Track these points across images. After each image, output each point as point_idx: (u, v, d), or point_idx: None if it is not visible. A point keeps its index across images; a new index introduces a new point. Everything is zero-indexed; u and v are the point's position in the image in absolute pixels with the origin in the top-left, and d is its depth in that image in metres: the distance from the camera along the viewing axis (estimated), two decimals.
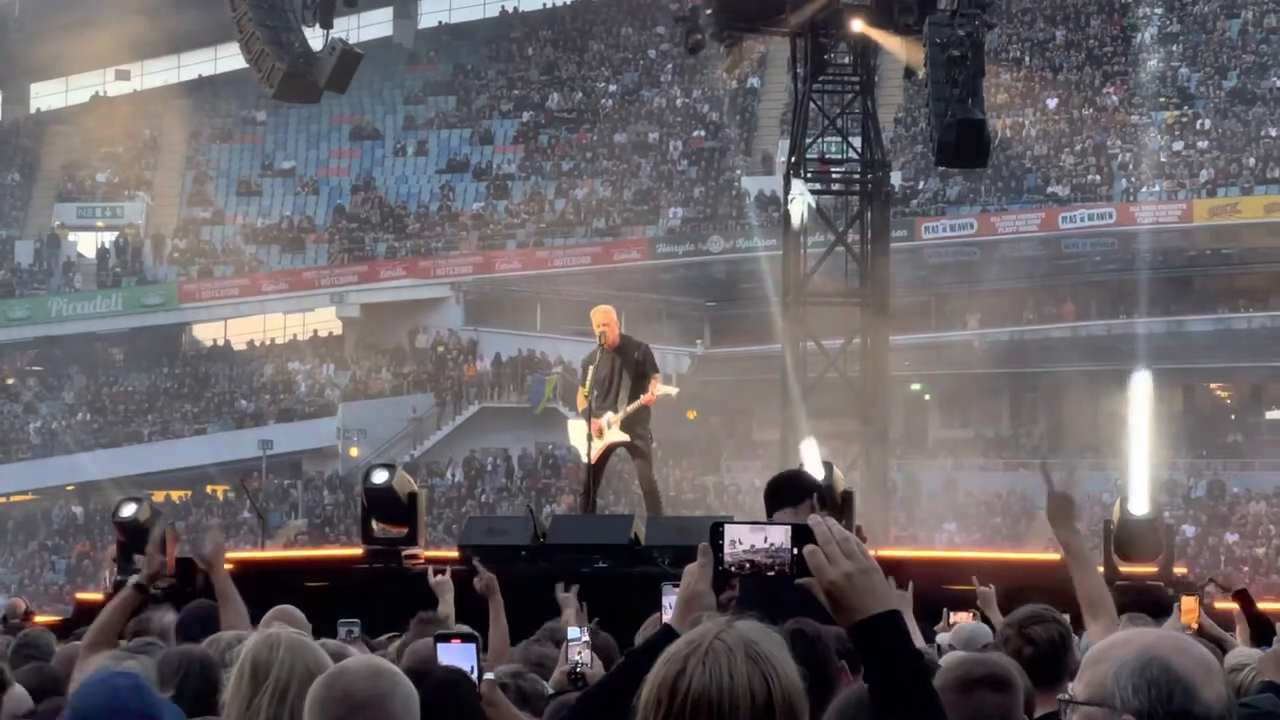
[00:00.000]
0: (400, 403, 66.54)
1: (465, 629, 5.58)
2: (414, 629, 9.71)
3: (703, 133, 72.55)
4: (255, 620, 8.17)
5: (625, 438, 17.62)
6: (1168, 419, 62.58)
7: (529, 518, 16.37)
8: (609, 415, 17.50)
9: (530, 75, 77.31)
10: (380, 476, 16.46)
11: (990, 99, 52.13)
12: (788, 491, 8.64)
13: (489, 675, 5.48)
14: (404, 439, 65.24)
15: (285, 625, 6.04)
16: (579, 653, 7.01)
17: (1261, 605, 11.64)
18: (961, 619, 11.24)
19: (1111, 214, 64.52)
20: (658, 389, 17.59)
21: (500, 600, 9.43)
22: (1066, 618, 7.45)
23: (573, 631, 7.11)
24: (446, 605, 10.92)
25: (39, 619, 16.49)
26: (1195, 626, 10.03)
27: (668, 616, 6.47)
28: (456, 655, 5.47)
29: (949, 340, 62.22)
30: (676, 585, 6.55)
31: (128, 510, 16.48)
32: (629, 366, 17.55)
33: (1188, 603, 10.46)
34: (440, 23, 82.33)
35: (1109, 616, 7.37)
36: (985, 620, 10.93)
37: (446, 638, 5.53)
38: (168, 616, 9.28)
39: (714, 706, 3.94)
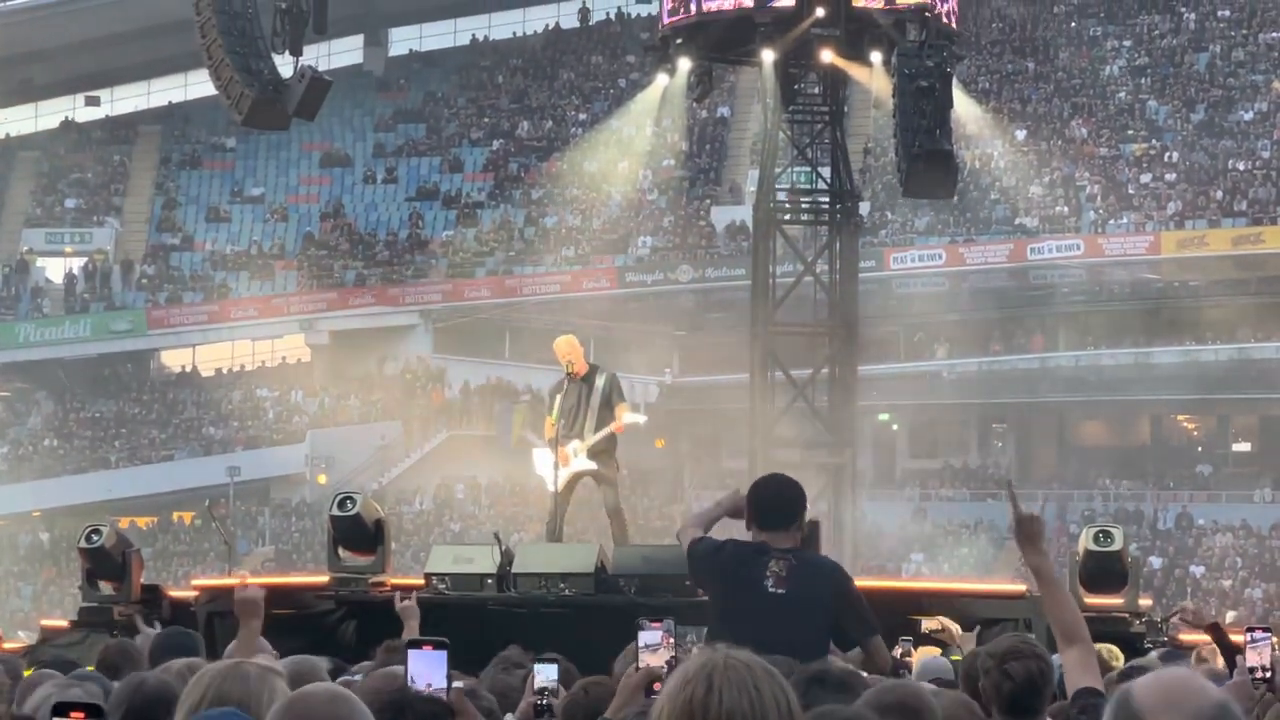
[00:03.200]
0: (369, 430, 66.46)
1: (438, 637, 5.56)
2: (380, 657, 9.70)
3: (672, 162, 72.63)
4: (221, 648, 8.14)
5: (592, 466, 17.62)
6: (1135, 450, 62.87)
7: (495, 545, 16.36)
8: (575, 443, 17.50)
9: (500, 103, 77.36)
10: (347, 504, 16.44)
11: (958, 130, 52.29)
12: (781, 514, 8.58)
13: (458, 684, 5.48)
14: (372, 466, 65.15)
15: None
16: (547, 683, 7.01)
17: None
18: (927, 653, 11.27)
19: (1079, 246, 64.72)
20: (626, 418, 17.60)
21: (415, 627, 9.24)
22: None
23: (542, 669, 7.11)
24: (412, 631, 10.90)
25: (5, 645, 16.43)
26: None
27: (645, 656, 6.51)
28: (428, 662, 5.46)
29: (917, 370, 62.39)
30: (655, 621, 6.59)
31: (94, 538, 16.42)
32: (596, 395, 17.56)
33: (1205, 645, 10.61)
34: (411, 50, 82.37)
35: (1083, 641, 7.37)
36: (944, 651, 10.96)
37: (419, 644, 5.51)
38: (150, 633, 9.30)
39: (747, 718, 4.06)
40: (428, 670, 5.44)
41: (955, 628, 12.29)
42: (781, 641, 7.87)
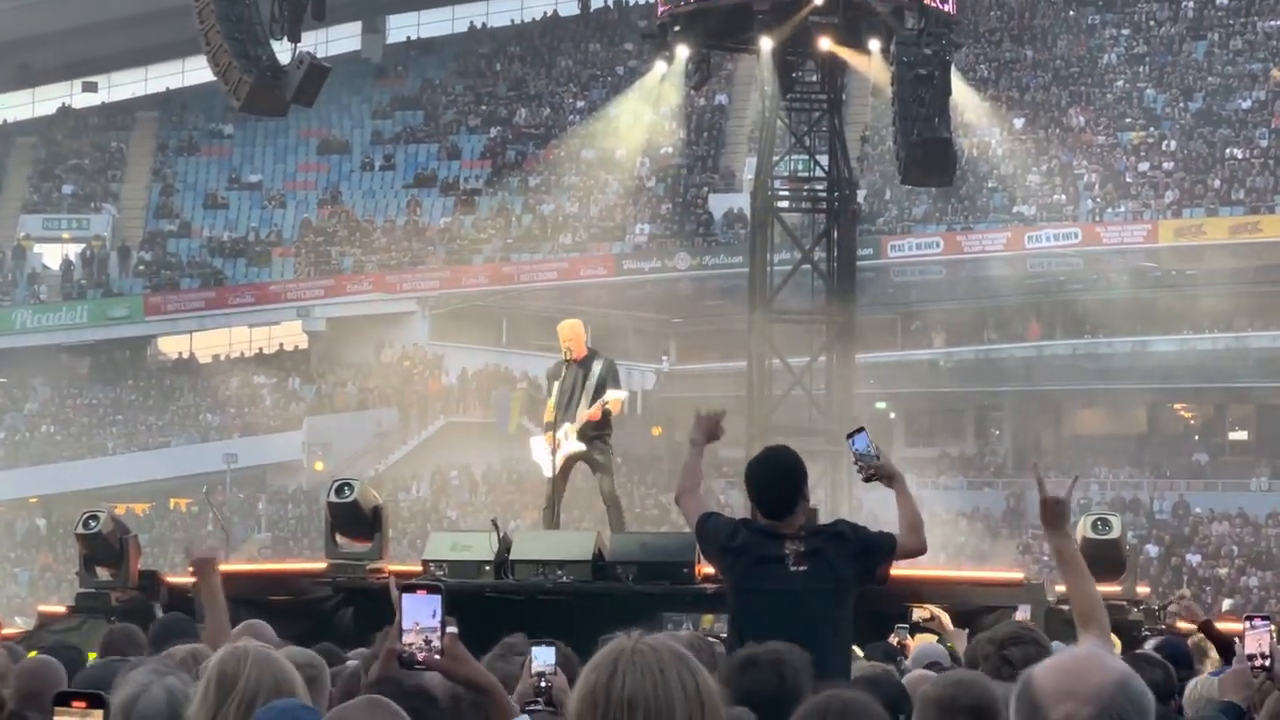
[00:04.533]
0: (366, 417, 66.44)
1: (432, 580, 5.54)
2: (378, 642, 9.69)
3: (670, 150, 72.58)
4: None
5: (583, 448, 17.60)
6: (1132, 439, 62.89)
7: (493, 532, 16.37)
8: (566, 426, 17.51)
9: (498, 91, 77.32)
10: (344, 491, 16.44)
11: (956, 118, 52.28)
12: (783, 499, 8.51)
13: (451, 628, 5.45)
14: (369, 453, 65.14)
15: (253, 639, 6.02)
16: (545, 666, 7.00)
17: (1223, 624, 11.71)
18: (924, 639, 11.29)
19: (1077, 234, 64.72)
20: (609, 397, 17.51)
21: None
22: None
23: (540, 653, 7.09)
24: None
25: (4, 631, 16.43)
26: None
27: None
28: (421, 605, 5.42)
29: (914, 359, 62.37)
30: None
31: (91, 524, 16.42)
32: (591, 379, 17.56)
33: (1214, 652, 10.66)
34: (409, 37, 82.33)
35: (1100, 626, 7.36)
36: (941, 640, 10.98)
37: (412, 588, 5.48)
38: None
39: (650, 703, 4.08)
40: (421, 614, 5.41)
41: (945, 617, 12.30)
42: (808, 620, 7.86)
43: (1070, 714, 3.93)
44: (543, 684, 6.94)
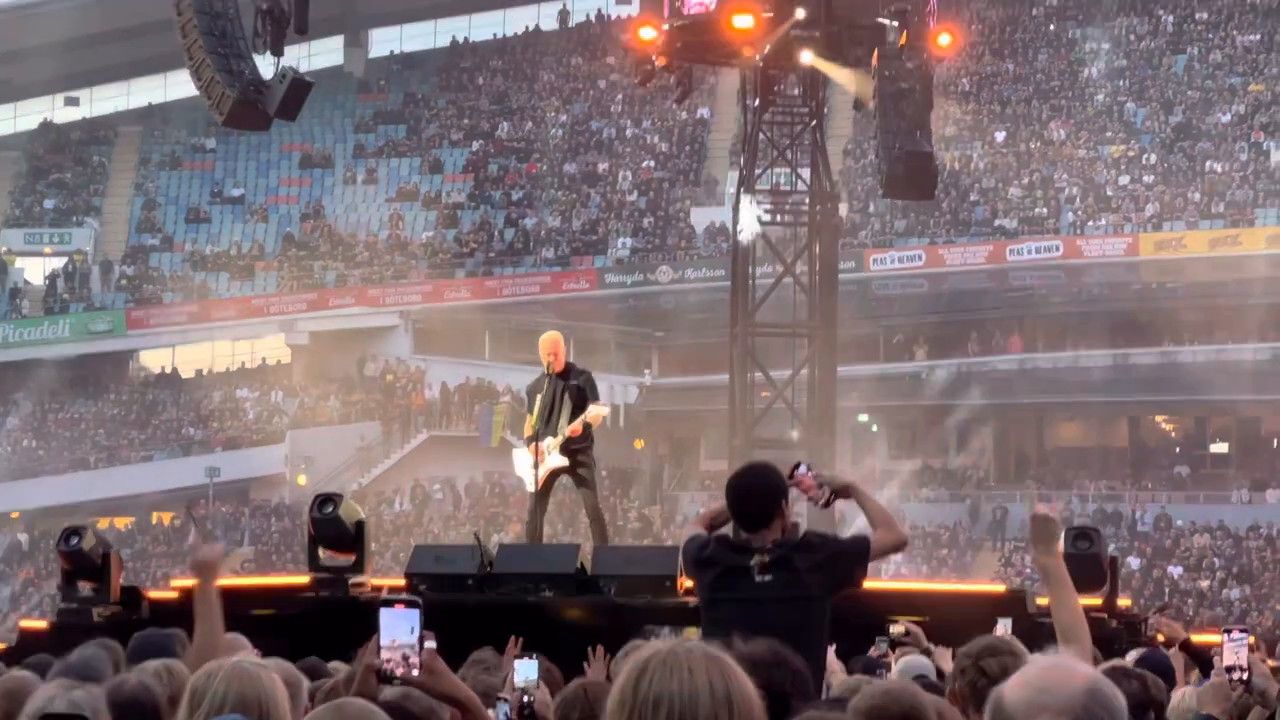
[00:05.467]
0: (348, 431, 66.41)
1: (410, 596, 5.54)
2: (357, 659, 9.69)
3: (652, 163, 72.69)
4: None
5: (565, 463, 17.64)
6: (1114, 451, 62.99)
7: (476, 546, 16.37)
8: (548, 440, 17.54)
9: (480, 104, 77.36)
10: (327, 506, 16.44)
11: (938, 132, 52.41)
12: (759, 514, 8.56)
13: (430, 643, 5.47)
14: (352, 467, 65.11)
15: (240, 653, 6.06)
16: (527, 682, 7.03)
17: (1202, 637, 11.76)
18: (907, 653, 11.30)
19: (1058, 247, 64.87)
20: (591, 412, 17.58)
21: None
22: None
23: (523, 667, 7.11)
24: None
25: None
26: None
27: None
28: (399, 620, 5.45)
29: (897, 372, 62.43)
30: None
31: (72, 540, 16.40)
32: (571, 393, 17.60)
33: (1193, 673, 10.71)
34: (391, 52, 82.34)
35: (1082, 642, 7.41)
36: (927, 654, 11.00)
37: (391, 603, 5.50)
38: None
39: (674, 701, 4.11)
40: (400, 629, 5.43)
41: (919, 631, 12.33)
42: (773, 629, 7.91)
43: None
44: (525, 699, 6.97)
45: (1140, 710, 7.96)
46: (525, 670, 7.18)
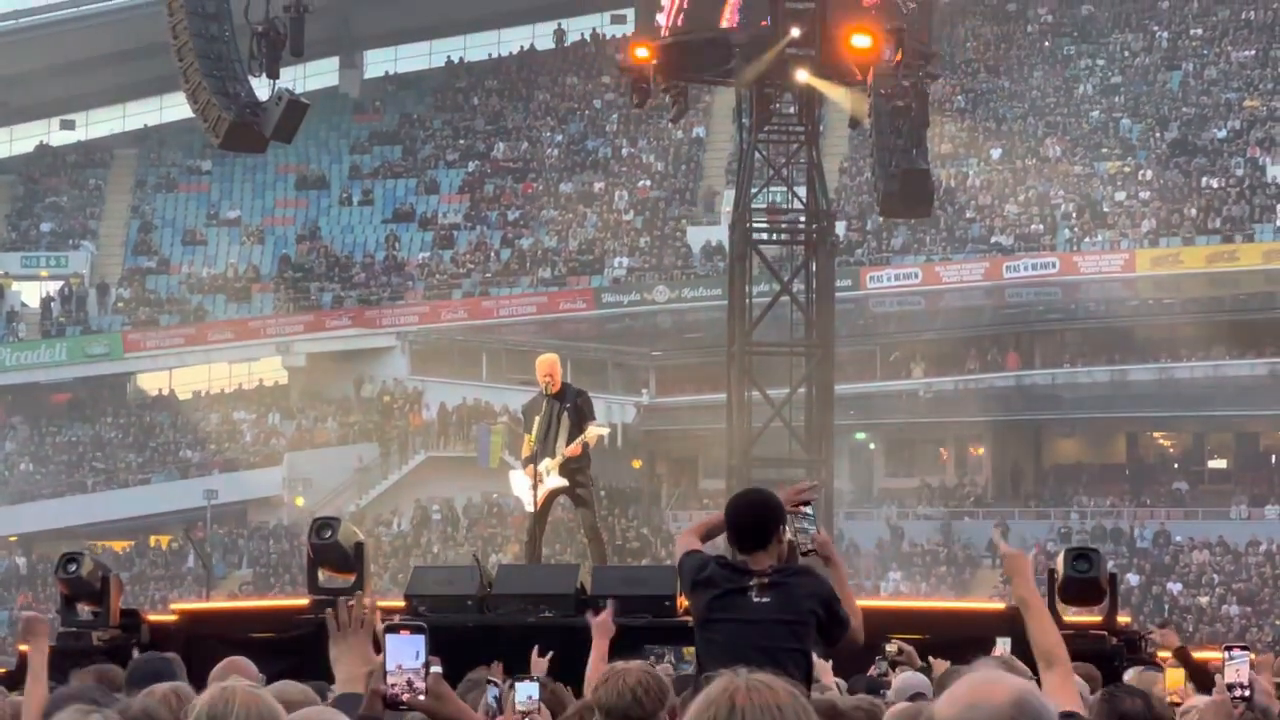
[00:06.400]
0: (346, 452, 66.37)
1: (415, 621, 5.54)
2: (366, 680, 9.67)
3: (648, 183, 72.73)
4: (200, 673, 8.12)
5: (564, 483, 17.68)
6: (1112, 468, 62.99)
7: (475, 567, 16.37)
8: (546, 461, 17.57)
9: (476, 125, 77.41)
10: (325, 531, 16.43)
11: (934, 149, 52.43)
12: (758, 536, 8.61)
13: (435, 668, 5.47)
14: (350, 488, 65.07)
15: (238, 677, 6.03)
16: (529, 704, 7.02)
17: (1203, 654, 11.75)
18: (905, 671, 11.32)
19: (1055, 264, 64.91)
20: (589, 430, 17.64)
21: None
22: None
23: (523, 686, 7.10)
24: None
25: None
26: (1174, 698, 10.17)
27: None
28: (404, 646, 5.45)
29: (894, 389, 62.42)
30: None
31: (70, 566, 16.37)
32: (568, 413, 17.64)
33: (1173, 676, 10.64)
34: (386, 73, 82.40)
35: (1063, 665, 7.41)
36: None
37: (396, 628, 5.51)
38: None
39: None
40: (405, 655, 5.44)
41: (912, 650, 12.35)
42: (768, 649, 7.93)
43: None
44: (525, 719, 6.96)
45: None
46: (525, 692, 7.17)
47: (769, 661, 6.75)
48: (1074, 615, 15.33)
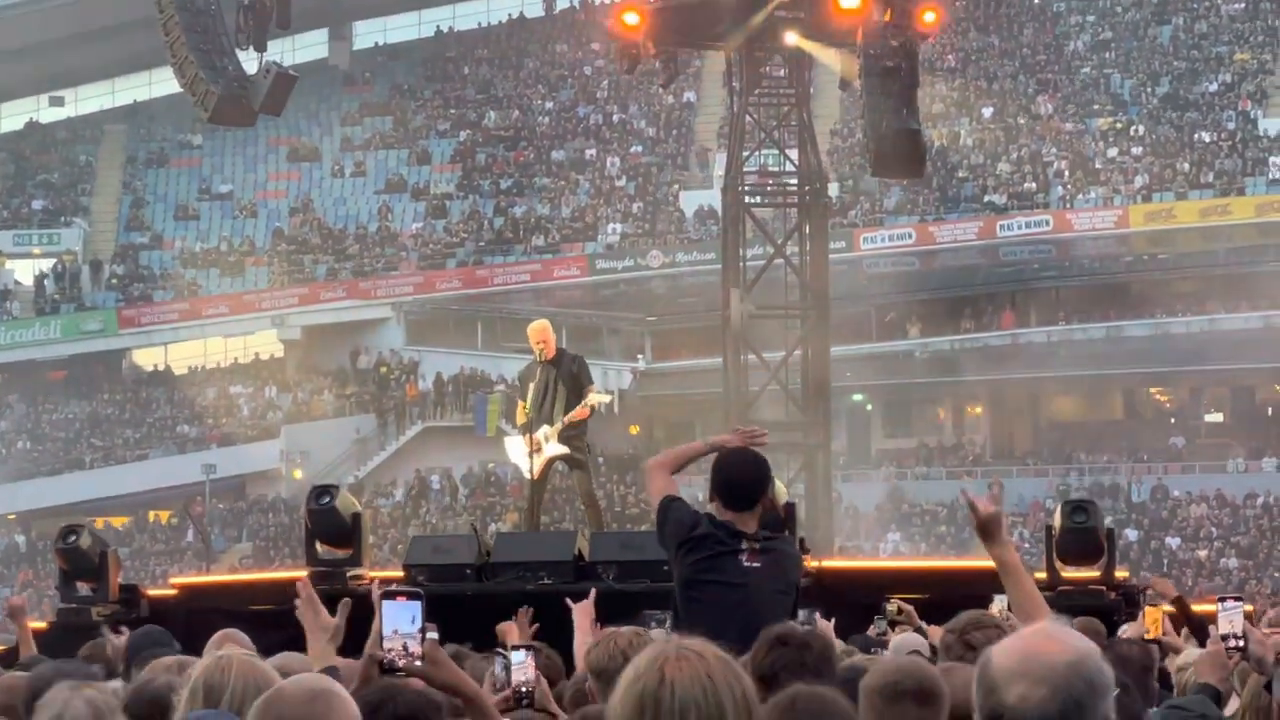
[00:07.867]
0: (343, 424, 66.41)
1: (411, 588, 5.54)
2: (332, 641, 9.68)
3: (640, 148, 72.64)
4: (201, 646, 8.12)
5: (563, 450, 17.70)
6: (1109, 424, 63.06)
7: (473, 536, 16.39)
8: (545, 428, 17.57)
9: (466, 94, 77.29)
10: (323, 497, 16.45)
11: (925, 109, 52.37)
12: (747, 495, 8.63)
13: (432, 634, 5.47)
14: (347, 460, 65.11)
15: (233, 646, 6.03)
16: (524, 672, 7.01)
17: (1200, 607, 11.78)
18: (902, 631, 11.36)
19: (1048, 221, 64.89)
20: (590, 398, 17.67)
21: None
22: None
23: (517, 655, 7.10)
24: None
25: None
26: (1154, 634, 10.20)
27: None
28: (400, 611, 5.45)
29: (890, 350, 62.42)
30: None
31: (70, 538, 16.41)
32: (564, 379, 17.65)
33: (1151, 614, 10.66)
34: (376, 43, 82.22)
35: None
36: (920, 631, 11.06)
37: (393, 594, 5.50)
38: (120, 640, 9.31)
39: (702, 709, 4.05)
40: (400, 620, 5.44)
41: (912, 610, 12.37)
42: (755, 613, 7.94)
43: (1024, 695, 3.89)
44: (524, 689, 6.96)
45: (1144, 674, 7.99)
46: (519, 660, 7.15)
47: (755, 625, 6.76)
48: (1072, 571, 15.37)
